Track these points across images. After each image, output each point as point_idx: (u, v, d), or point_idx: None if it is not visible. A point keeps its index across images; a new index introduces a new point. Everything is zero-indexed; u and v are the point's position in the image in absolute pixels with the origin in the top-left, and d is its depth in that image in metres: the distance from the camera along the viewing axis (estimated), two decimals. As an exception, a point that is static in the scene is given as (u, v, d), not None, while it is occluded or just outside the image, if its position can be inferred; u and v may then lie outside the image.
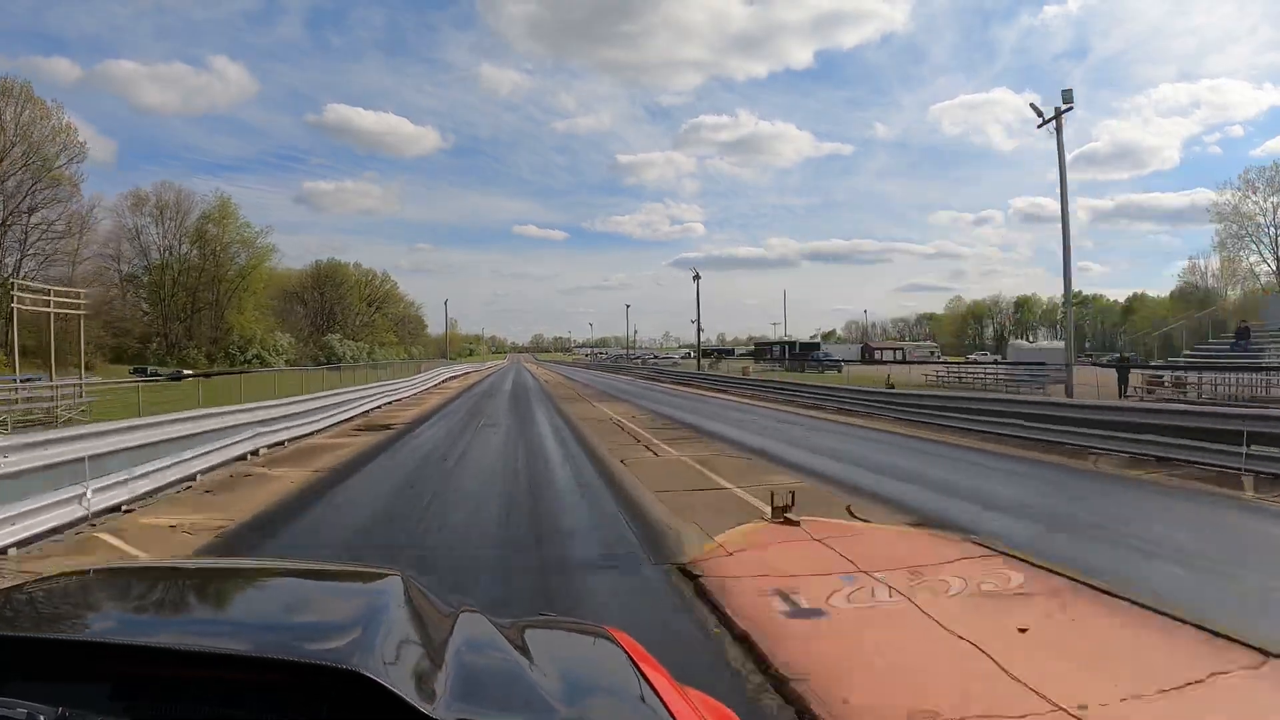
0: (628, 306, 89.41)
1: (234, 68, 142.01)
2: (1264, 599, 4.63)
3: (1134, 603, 4.32)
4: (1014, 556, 5.37)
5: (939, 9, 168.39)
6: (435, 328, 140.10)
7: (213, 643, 1.08)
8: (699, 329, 52.88)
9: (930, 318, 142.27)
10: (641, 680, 1.26)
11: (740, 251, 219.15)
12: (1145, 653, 3.65)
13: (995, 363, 38.80)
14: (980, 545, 5.73)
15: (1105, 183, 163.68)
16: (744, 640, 3.91)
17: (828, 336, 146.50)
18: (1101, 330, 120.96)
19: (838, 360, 57.11)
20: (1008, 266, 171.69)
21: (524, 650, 1.25)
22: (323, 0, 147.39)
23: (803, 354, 61.46)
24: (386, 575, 1.50)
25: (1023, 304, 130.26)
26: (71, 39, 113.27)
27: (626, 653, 1.39)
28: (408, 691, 0.92)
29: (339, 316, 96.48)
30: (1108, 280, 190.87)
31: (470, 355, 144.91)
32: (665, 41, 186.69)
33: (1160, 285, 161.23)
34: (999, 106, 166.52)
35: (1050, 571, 4.98)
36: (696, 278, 51.39)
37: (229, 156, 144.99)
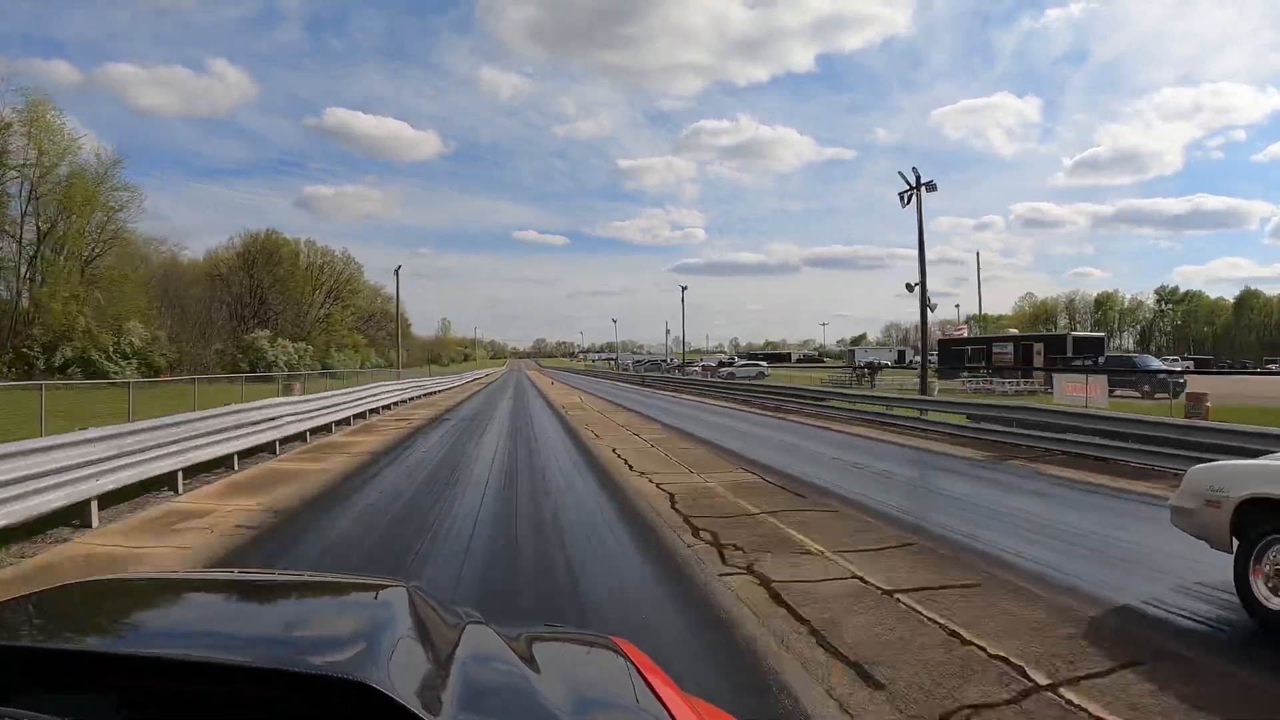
0: (684, 289, 66.87)
1: (234, 71, 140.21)
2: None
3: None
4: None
5: (940, 13, 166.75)
6: (424, 328, 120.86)
7: (217, 654, 1.06)
8: (925, 313, 23.52)
9: (982, 318, 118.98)
10: (648, 691, 1.23)
11: (741, 257, 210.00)
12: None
13: None
14: None
15: (1106, 188, 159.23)
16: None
17: (858, 341, 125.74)
18: (1214, 334, 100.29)
19: (1179, 373, 27.89)
20: (1008, 272, 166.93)
21: (530, 662, 1.22)
22: (321, 6, 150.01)
23: (1072, 357, 31.80)
24: (391, 586, 1.46)
25: (1104, 302, 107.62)
26: (70, 43, 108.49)
27: (633, 663, 1.36)
28: (415, 704, 0.90)
29: (276, 308, 69.40)
30: (1108, 285, 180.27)
31: (466, 361, 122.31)
32: (666, 45, 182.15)
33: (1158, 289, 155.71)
34: (1000, 111, 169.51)
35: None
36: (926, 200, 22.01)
37: (229, 160, 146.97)
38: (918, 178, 21.95)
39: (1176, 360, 73.47)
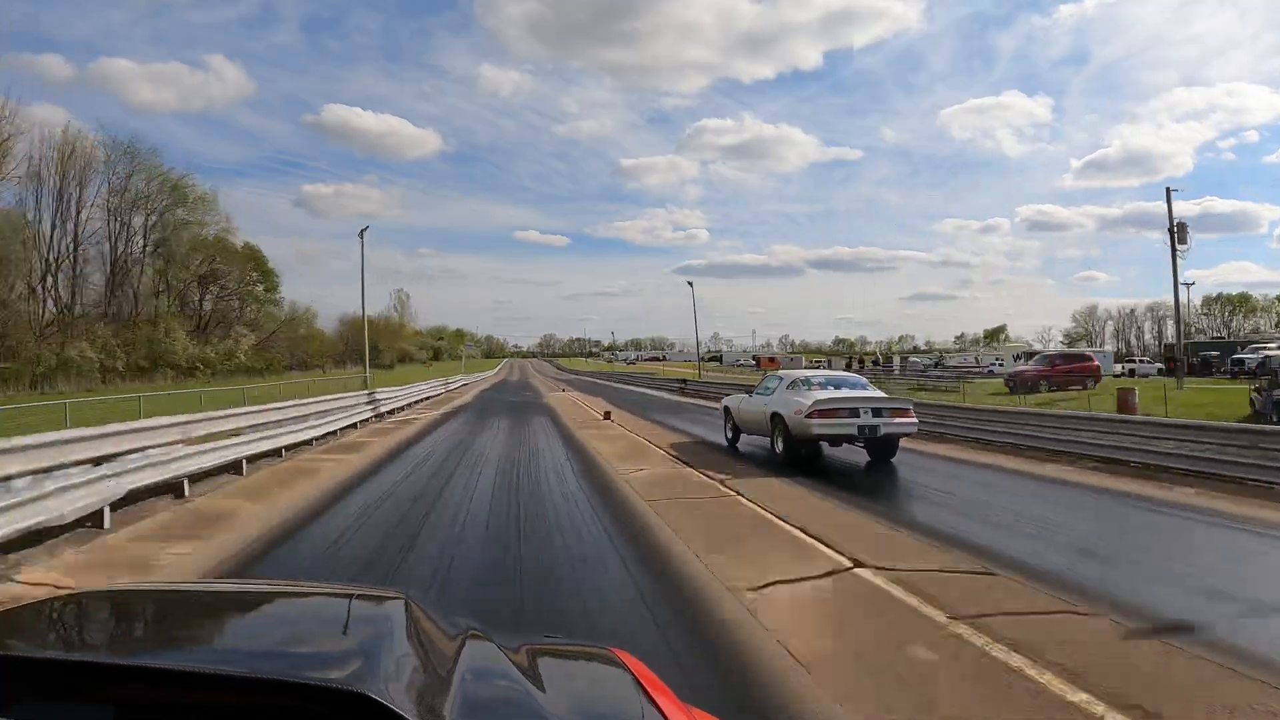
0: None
1: (231, 68, 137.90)
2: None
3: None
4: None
5: (951, 10, 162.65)
6: (371, 308, 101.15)
7: (216, 665, 1.07)
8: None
9: (1242, 303, 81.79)
10: (648, 704, 1.25)
11: (744, 259, 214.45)
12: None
13: None
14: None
15: (1115, 190, 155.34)
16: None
17: (994, 333, 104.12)
18: None
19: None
20: (1013, 275, 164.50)
21: (531, 675, 1.22)
22: (319, 6, 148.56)
23: None
24: (390, 598, 1.49)
25: None
26: (64, 40, 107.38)
27: (633, 675, 1.37)
28: (415, 716, 0.91)
29: None
30: (1115, 289, 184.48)
31: (435, 361, 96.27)
32: (669, 41, 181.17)
33: (1166, 294, 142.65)
34: (1009, 111, 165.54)
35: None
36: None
37: (226, 159, 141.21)
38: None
39: None
